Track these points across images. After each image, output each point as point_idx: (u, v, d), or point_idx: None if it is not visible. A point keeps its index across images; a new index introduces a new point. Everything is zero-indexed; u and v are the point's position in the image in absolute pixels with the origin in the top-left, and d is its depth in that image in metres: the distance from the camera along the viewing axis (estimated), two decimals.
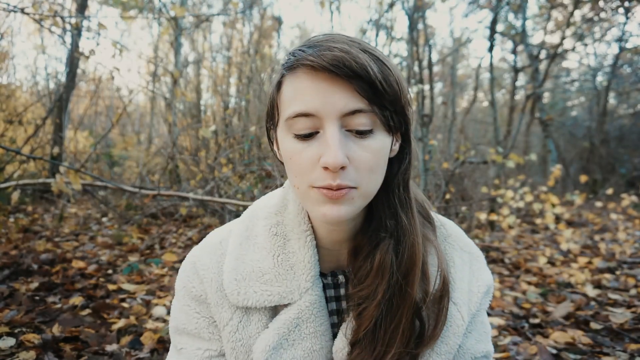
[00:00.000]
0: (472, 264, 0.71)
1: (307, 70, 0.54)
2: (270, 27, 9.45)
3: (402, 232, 0.62)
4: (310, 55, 0.54)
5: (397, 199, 0.63)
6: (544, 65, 7.62)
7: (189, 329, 0.69)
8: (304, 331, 0.64)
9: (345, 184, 0.54)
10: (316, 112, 0.54)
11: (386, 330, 0.61)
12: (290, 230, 0.68)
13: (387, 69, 0.55)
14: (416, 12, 5.62)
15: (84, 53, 4.43)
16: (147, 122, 11.57)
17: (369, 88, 0.53)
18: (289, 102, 0.57)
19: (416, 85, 5.38)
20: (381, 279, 0.61)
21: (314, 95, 0.54)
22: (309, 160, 0.55)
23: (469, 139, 9.45)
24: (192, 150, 6.11)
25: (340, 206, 0.56)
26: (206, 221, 4.68)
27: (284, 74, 0.58)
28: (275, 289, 0.64)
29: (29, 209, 5.61)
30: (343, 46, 0.53)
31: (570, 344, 2.03)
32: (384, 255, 0.61)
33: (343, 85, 0.53)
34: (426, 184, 5.03)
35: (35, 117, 7.12)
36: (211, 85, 8.04)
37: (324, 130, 0.55)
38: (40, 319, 2.15)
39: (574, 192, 4.90)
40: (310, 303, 0.65)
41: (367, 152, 0.55)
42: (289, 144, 0.58)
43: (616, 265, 3.56)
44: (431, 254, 0.66)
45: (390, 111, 0.56)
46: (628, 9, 8.27)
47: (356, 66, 0.52)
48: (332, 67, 0.52)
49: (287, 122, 0.57)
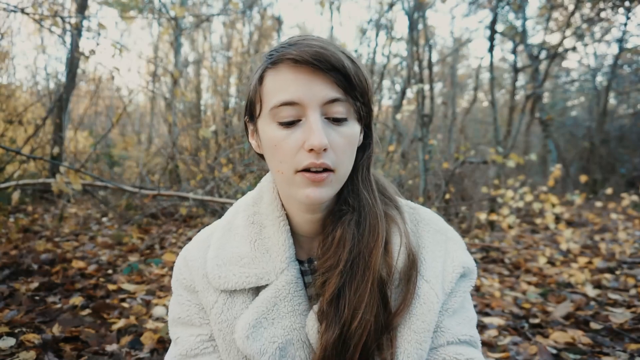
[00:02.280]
0: (447, 245, 0.74)
1: (290, 64, 0.61)
2: (270, 27, 9.45)
3: (363, 207, 0.68)
4: (293, 50, 0.60)
5: (360, 179, 0.70)
6: (544, 65, 7.62)
7: (182, 318, 0.74)
8: (282, 310, 0.68)
9: (327, 164, 0.61)
10: (300, 101, 0.60)
11: (350, 299, 0.64)
12: (265, 218, 0.73)
13: (357, 66, 0.63)
14: (416, 12, 5.62)
15: (84, 53, 4.43)
16: (147, 122, 11.58)
17: (345, 80, 0.61)
18: (273, 93, 0.62)
19: (416, 85, 5.38)
20: (343, 250, 0.66)
21: (297, 85, 0.60)
22: (294, 145, 0.61)
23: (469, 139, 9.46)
24: (192, 150, 6.11)
25: (321, 188, 0.63)
26: (206, 221, 4.68)
27: (266, 68, 0.64)
28: (252, 270, 0.69)
29: (29, 209, 5.62)
30: (321, 44, 0.61)
31: (570, 344, 2.03)
32: (346, 227, 0.67)
33: (323, 77, 0.60)
34: (426, 184, 5.03)
35: (35, 117, 7.12)
36: (211, 85, 8.04)
37: (306, 117, 0.61)
38: (40, 319, 2.15)
39: (574, 192, 4.90)
40: (286, 282, 0.68)
41: (343, 137, 0.63)
42: (273, 132, 0.63)
43: (616, 265, 3.56)
44: (395, 233, 0.70)
45: (360, 102, 0.64)
46: (628, 9, 8.27)
47: (334, 60, 0.60)
48: (314, 61, 0.59)
49: (272, 112, 0.62)
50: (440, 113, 9.68)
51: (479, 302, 2.61)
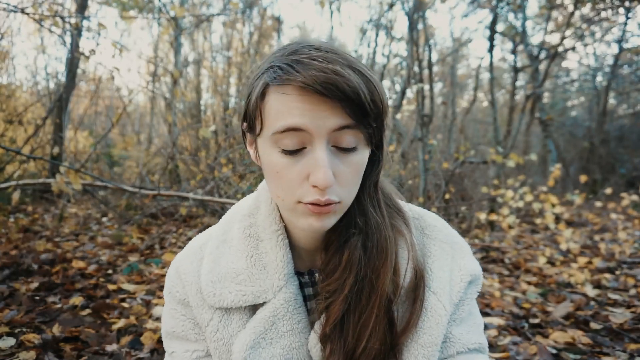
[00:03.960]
0: (454, 253, 0.71)
1: (297, 88, 0.54)
2: (270, 27, 9.44)
3: (371, 229, 0.64)
4: (301, 75, 0.53)
5: (368, 198, 0.66)
6: (544, 65, 7.62)
7: (177, 332, 0.71)
8: (281, 329, 0.65)
9: (332, 199, 0.57)
10: (306, 128, 0.54)
11: (355, 325, 0.62)
12: (262, 231, 0.69)
13: (374, 87, 0.56)
14: (416, 12, 5.62)
15: (84, 53, 4.43)
16: (147, 122, 11.57)
17: (359, 109, 0.55)
18: (275, 116, 0.56)
19: (416, 85, 5.38)
20: (349, 274, 0.62)
21: (303, 111, 0.54)
22: (297, 176, 0.57)
23: (469, 139, 9.46)
24: (192, 150, 6.11)
25: (325, 219, 0.59)
26: (206, 221, 4.68)
27: (268, 84, 0.57)
28: (249, 288, 0.65)
29: (29, 209, 5.62)
30: (334, 67, 0.53)
31: (570, 344, 2.03)
32: (353, 250, 0.63)
33: (333, 105, 0.54)
34: (426, 184, 5.03)
35: (35, 117, 7.12)
36: (211, 85, 8.03)
37: (312, 146, 0.56)
38: (40, 319, 2.15)
39: (574, 192, 4.90)
40: (285, 301, 0.65)
41: (350, 167, 0.58)
42: (275, 159, 0.58)
43: (616, 265, 3.56)
44: (401, 247, 0.67)
45: (373, 127, 0.58)
46: (628, 9, 8.27)
47: (349, 89, 0.52)
48: (325, 90, 0.52)
49: (274, 137, 0.56)
50: (440, 113, 9.67)
51: (479, 302, 2.61)
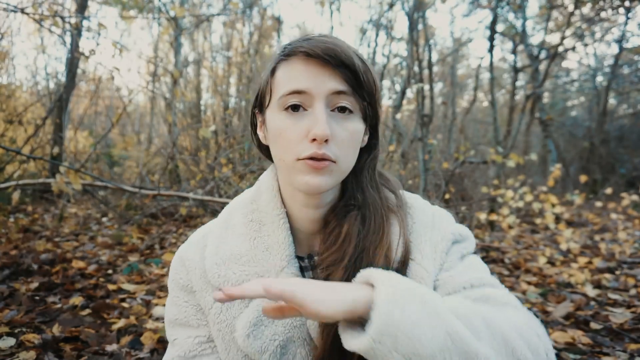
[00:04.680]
0: (434, 222, 0.74)
1: (302, 57, 0.63)
2: (270, 27, 9.45)
3: (369, 205, 0.70)
4: (306, 44, 0.63)
5: (365, 178, 0.72)
6: (544, 65, 7.61)
7: (180, 319, 0.74)
8: None
9: (328, 155, 0.62)
10: (308, 90, 0.62)
11: None
12: (264, 216, 0.73)
13: (367, 67, 0.65)
14: (416, 12, 5.62)
15: (84, 53, 4.43)
16: (147, 122, 11.57)
17: (353, 77, 0.63)
18: (283, 83, 0.64)
19: (416, 85, 5.37)
20: (348, 245, 0.66)
21: (307, 76, 0.63)
22: (298, 134, 0.63)
23: (469, 139, 9.46)
24: (192, 150, 6.11)
25: (321, 176, 0.63)
26: (206, 221, 4.66)
27: (279, 60, 0.66)
28: (252, 269, 0.69)
29: (29, 209, 5.62)
30: (334, 41, 0.64)
31: (570, 344, 2.03)
32: (352, 223, 0.68)
33: (332, 71, 0.63)
34: (426, 184, 5.03)
35: (35, 117, 7.12)
36: (211, 85, 8.03)
37: (312, 108, 0.63)
38: (40, 319, 2.15)
39: (574, 192, 4.90)
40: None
41: (346, 130, 0.64)
42: (279, 121, 0.65)
43: (616, 265, 3.56)
44: (393, 223, 0.70)
45: (367, 102, 0.66)
46: (628, 9, 8.26)
47: (345, 57, 0.62)
48: (325, 55, 0.61)
49: (280, 100, 0.64)
50: (440, 113, 9.67)
51: None
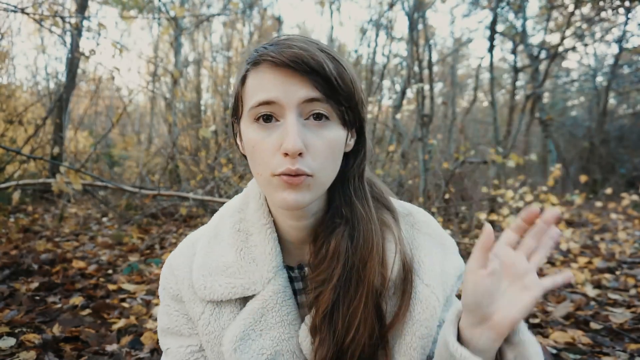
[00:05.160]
0: (445, 249, 0.73)
1: (269, 65, 0.59)
2: (270, 27, 9.45)
3: (357, 219, 0.66)
4: (272, 51, 0.58)
5: (352, 189, 0.67)
6: (544, 65, 7.62)
7: (171, 328, 0.72)
8: (270, 320, 0.66)
9: (303, 170, 0.58)
10: (277, 100, 0.58)
11: (344, 315, 0.64)
12: (251, 225, 0.71)
13: (342, 68, 0.60)
14: (416, 12, 5.62)
15: (84, 53, 4.43)
16: (147, 122, 11.57)
17: (325, 83, 0.58)
18: (252, 93, 0.61)
19: (416, 85, 5.38)
20: (337, 264, 0.64)
21: (275, 85, 0.58)
22: (271, 147, 0.59)
23: (469, 139, 9.45)
24: (192, 150, 6.11)
25: (298, 192, 0.59)
26: (206, 221, 4.67)
27: (248, 69, 0.62)
28: (238, 281, 0.67)
29: (29, 209, 5.62)
30: (302, 44, 0.58)
31: (570, 344, 2.03)
32: (339, 240, 0.65)
33: (302, 79, 0.58)
34: (426, 184, 5.03)
35: (35, 117, 7.12)
36: (211, 85, 8.04)
37: (284, 119, 0.59)
38: (41, 319, 2.15)
39: (574, 192, 4.90)
40: (273, 292, 0.66)
41: (323, 140, 0.60)
42: (251, 133, 0.61)
43: (616, 265, 3.55)
44: (389, 240, 0.68)
45: (345, 107, 0.61)
46: (628, 9, 8.26)
47: (313, 63, 0.57)
48: (292, 63, 0.57)
49: (251, 112, 0.60)
50: (440, 113, 9.68)
51: None
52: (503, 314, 0.53)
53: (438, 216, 4.70)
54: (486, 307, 0.53)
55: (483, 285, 0.53)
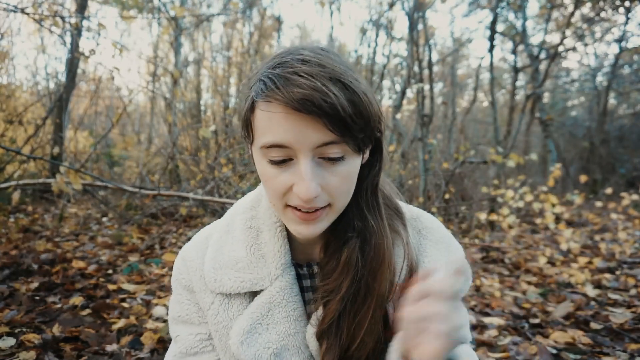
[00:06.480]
0: (450, 254, 0.74)
1: (279, 105, 0.54)
2: (270, 27, 9.45)
3: (369, 233, 0.66)
4: (282, 92, 0.54)
5: (365, 202, 0.68)
6: (544, 65, 7.61)
7: (182, 317, 0.75)
8: (277, 315, 0.68)
9: (318, 206, 0.59)
10: (290, 145, 0.56)
11: (350, 325, 0.65)
12: (262, 223, 0.73)
13: (359, 99, 0.55)
14: (416, 12, 5.62)
15: (84, 53, 4.43)
16: (147, 122, 11.57)
17: (340, 124, 0.54)
18: (262, 130, 0.57)
19: (416, 85, 5.38)
20: (346, 276, 0.65)
21: (287, 128, 0.55)
22: (284, 185, 0.59)
23: (469, 139, 9.46)
24: (192, 150, 6.11)
25: (314, 225, 0.61)
26: (206, 221, 4.68)
27: (255, 99, 0.58)
28: (247, 275, 0.69)
29: (29, 209, 5.61)
30: (314, 83, 0.53)
31: (570, 344, 2.03)
32: (350, 253, 0.65)
33: (314, 121, 0.54)
34: (426, 184, 5.03)
35: (35, 117, 7.12)
36: (211, 85, 8.04)
37: (297, 159, 0.57)
38: (40, 319, 2.15)
39: (574, 192, 4.90)
40: (280, 289, 0.69)
41: (339, 177, 0.59)
42: (264, 169, 0.61)
43: (616, 265, 3.56)
44: (398, 245, 0.69)
45: (360, 138, 0.58)
46: (628, 9, 8.26)
47: (326, 106, 0.53)
48: (303, 108, 0.53)
49: (262, 150, 0.59)
50: (440, 113, 9.68)
51: (479, 302, 2.61)
52: (421, 350, 0.53)
53: (438, 216, 4.70)
54: (412, 339, 0.54)
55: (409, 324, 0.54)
